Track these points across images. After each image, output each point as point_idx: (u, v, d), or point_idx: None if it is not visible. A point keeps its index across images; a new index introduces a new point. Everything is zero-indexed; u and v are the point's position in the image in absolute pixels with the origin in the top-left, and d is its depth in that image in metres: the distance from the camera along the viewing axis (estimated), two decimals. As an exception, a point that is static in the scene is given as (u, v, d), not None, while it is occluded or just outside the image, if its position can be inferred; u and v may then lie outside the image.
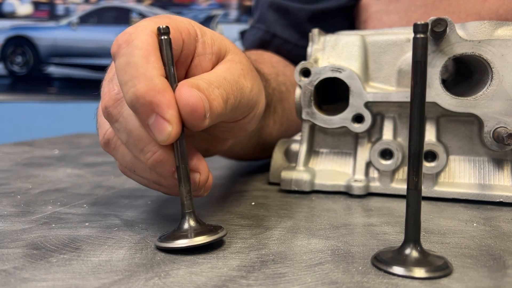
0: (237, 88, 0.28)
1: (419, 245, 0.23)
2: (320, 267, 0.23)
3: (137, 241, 0.27)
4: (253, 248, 0.26)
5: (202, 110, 0.24)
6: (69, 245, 0.26)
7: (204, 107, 0.24)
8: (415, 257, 0.23)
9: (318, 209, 0.35)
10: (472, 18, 0.47)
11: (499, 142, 0.35)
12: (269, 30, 0.63)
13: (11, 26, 2.07)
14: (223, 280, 0.21)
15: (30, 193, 0.39)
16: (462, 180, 0.38)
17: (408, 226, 0.23)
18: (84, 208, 0.34)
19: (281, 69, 0.56)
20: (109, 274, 0.22)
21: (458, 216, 0.33)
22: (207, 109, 0.24)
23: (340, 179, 0.40)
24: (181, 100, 0.24)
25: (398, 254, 0.23)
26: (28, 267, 0.23)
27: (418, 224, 0.23)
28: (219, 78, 0.26)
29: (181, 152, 0.26)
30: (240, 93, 0.28)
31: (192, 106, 0.24)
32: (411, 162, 0.23)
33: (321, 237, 0.28)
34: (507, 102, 0.35)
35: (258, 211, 0.34)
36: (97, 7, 2.05)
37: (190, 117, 0.24)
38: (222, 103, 0.26)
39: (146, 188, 0.41)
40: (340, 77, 0.38)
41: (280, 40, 0.63)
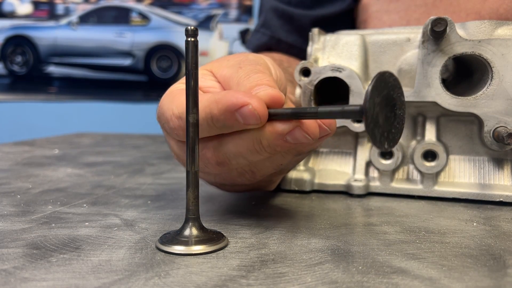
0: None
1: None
2: (320, 266, 0.23)
3: (137, 240, 0.27)
4: (253, 247, 0.26)
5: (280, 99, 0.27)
6: (69, 245, 0.26)
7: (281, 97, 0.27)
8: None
9: (318, 209, 0.35)
10: (472, 18, 0.47)
11: (499, 142, 0.35)
12: (274, 35, 0.64)
13: (10, 26, 2.06)
14: (223, 280, 0.21)
15: (30, 193, 0.39)
16: (462, 180, 0.38)
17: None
18: (84, 207, 0.34)
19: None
20: (109, 274, 0.22)
21: (458, 216, 0.33)
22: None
23: (340, 178, 0.40)
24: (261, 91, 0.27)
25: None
26: (28, 267, 0.23)
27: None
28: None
29: (192, 156, 0.26)
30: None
31: (273, 96, 0.26)
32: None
33: (321, 237, 0.28)
34: (507, 102, 0.35)
35: (258, 211, 0.34)
36: (97, 7, 2.05)
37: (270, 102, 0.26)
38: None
39: (146, 188, 0.41)
40: (340, 76, 0.38)
41: (285, 45, 0.64)
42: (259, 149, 0.27)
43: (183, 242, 0.25)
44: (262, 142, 0.27)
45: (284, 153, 0.29)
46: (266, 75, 0.29)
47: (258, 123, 0.26)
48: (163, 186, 0.42)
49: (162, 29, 2.02)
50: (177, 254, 0.24)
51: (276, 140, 0.26)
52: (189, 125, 0.25)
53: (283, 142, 0.27)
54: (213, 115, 0.26)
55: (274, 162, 0.29)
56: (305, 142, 0.27)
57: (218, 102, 0.26)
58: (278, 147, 0.27)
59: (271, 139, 0.26)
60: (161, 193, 0.39)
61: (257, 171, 0.30)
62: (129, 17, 2.03)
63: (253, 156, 0.28)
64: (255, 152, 0.28)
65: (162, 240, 0.26)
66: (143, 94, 2.02)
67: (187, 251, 0.25)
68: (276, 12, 0.64)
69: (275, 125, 0.26)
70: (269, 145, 0.27)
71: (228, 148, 0.28)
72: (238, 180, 0.31)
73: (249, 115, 0.25)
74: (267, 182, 0.34)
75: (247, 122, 0.26)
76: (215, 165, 0.29)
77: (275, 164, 0.30)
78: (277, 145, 0.27)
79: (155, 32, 2.01)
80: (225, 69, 0.31)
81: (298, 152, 0.29)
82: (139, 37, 2.01)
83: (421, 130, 0.39)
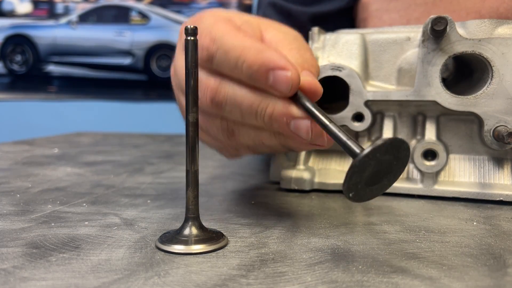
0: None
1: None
2: (320, 266, 0.23)
3: (136, 240, 0.27)
4: (253, 247, 0.26)
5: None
6: (68, 244, 0.26)
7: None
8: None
9: (318, 208, 0.34)
10: (472, 17, 0.47)
11: (499, 141, 0.35)
12: None
13: (10, 25, 2.06)
14: (223, 279, 0.21)
15: (30, 192, 0.39)
16: (462, 179, 0.38)
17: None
18: (83, 207, 0.34)
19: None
20: (108, 273, 0.22)
21: (458, 215, 0.33)
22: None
23: (340, 178, 0.40)
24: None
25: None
26: (28, 266, 0.23)
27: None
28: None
29: (192, 156, 0.25)
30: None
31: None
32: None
33: (321, 236, 0.28)
34: (507, 101, 0.35)
35: (258, 210, 0.34)
36: (97, 6, 2.05)
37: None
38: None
39: (146, 187, 0.41)
40: (340, 75, 0.38)
41: None
42: (259, 113, 0.26)
43: (182, 241, 0.25)
44: (267, 109, 0.26)
45: (274, 135, 0.28)
46: (317, 65, 0.29)
47: (282, 93, 0.25)
48: (163, 185, 0.42)
49: (162, 28, 2.01)
50: (176, 254, 0.24)
51: (281, 117, 0.26)
52: (189, 124, 0.25)
53: (284, 124, 0.26)
54: (246, 60, 0.25)
55: (258, 136, 0.29)
56: (303, 138, 0.26)
57: (260, 52, 0.25)
58: (276, 125, 0.26)
59: (277, 113, 0.26)
60: (161, 193, 0.39)
61: (238, 134, 0.30)
62: (129, 16, 2.03)
63: (248, 116, 0.27)
64: (252, 114, 0.27)
65: (162, 240, 0.26)
66: (143, 93, 2.02)
67: (187, 251, 0.24)
68: (274, 8, 0.64)
69: (291, 105, 0.26)
70: (271, 117, 0.26)
71: (233, 91, 0.27)
72: (213, 131, 0.31)
73: (281, 81, 0.25)
74: (234, 150, 0.34)
75: (274, 86, 0.25)
76: (209, 101, 0.28)
77: (257, 138, 0.29)
78: (278, 122, 0.26)
79: (155, 31, 2.01)
80: (279, 34, 0.30)
81: (284, 144, 0.29)
82: (138, 36, 2.01)
83: (421, 129, 0.39)
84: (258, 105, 0.26)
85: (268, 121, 0.27)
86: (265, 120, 0.26)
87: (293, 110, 0.26)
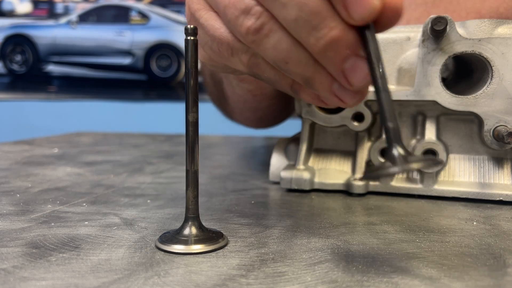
0: None
1: (402, 144, 0.21)
2: (320, 265, 0.23)
3: (136, 240, 0.27)
4: (253, 246, 0.26)
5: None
6: (68, 244, 0.26)
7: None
8: (403, 154, 0.21)
9: (318, 208, 0.34)
10: (472, 17, 0.47)
11: (499, 141, 0.35)
12: None
13: (10, 25, 2.06)
14: (223, 279, 0.21)
15: (30, 192, 0.39)
16: (462, 179, 0.38)
17: (388, 131, 0.21)
18: (83, 207, 0.34)
19: None
20: (108, 273, 0.22)
21: (458, 215, 0.33)
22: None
23: (340, 177, 0.40)
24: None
25: (388, 158, 0.21)
26: (27, 266, 0.23)
27: (398, 126, 0.22)
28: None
29: (192, 156, 0.25)
30: None
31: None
32: (372, 66, 0.21)
33: (321, 236, 0.28)
34: (507, 101, 0.35)
35: (258, 210, 0.34)
36: (97, 6, 2.05)
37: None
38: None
39: (146, 187, 0.41)
40: (340, 75, 0.38)
41: None
42: (320, 30, 0.21)
43: (182, 241, 0.25)
44: (331, 30, 0.21)
45: (309, 61, 0.23)
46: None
47: (356, 17, 0.20)
48: (163, 185, 0.42)
49: (162, 28, 2.01)
50: (176, 253, 0.24)
51: (344, 48, 0.21)
52: (188, 124, 0.25)
53: (341, 57, 0.22)
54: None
55: (290, 51, 0.23)
56: (349, 83, 0.22)
57: None
58: (331, 53, 0.21)
59: (342, 41, 0.21)
60: (161, 192, 0.39)
61: (259, 64, 0.25)
62: (129, 16, 2.03)
63: (303, 25, 0.21)
64: (309, 26, 0.21)
65: (162, 239, 0.26)
66: (143, 93, 2.02)
67: (187, 250, 0.24)
68: None
69: (358, 39, 0.21)
70: (330, 42, 0.21)
71: (280, 11, 0.22)
72: (231, 61, 0.26)
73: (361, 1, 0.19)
74: (249, 56, 0.26)
75: (350, 3, 0.20)
76: (242, 13, 0.23)
77: (287, 54, 0.23)
78: (335, 52, 0.21)
79: (155, 31, 2.01)
80: None
81: (310, 77, 0.24)
82: (138, 36, 2.01)
83: (421, 129, 0.39)
84: (323, 18, 0.21)
85: (323, 45, 0.21)
86: (321, 41, 0.21)
87: (358, 47, 0.21)
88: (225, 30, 0.25)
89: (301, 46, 0.23)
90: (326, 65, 0.23)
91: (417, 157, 0.21)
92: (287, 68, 0.24)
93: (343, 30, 0.21)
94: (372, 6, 0.20)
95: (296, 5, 0.21)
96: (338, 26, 0.21)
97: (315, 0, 0.21)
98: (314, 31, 0.21)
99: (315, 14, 0.21)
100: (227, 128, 0.78)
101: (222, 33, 0.26)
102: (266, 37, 0.23)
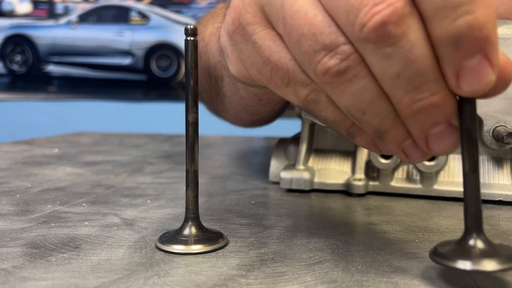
0: None
1: (483, 234, 0.20)
2: (319, 266, 0.23)
3: (136, 240, 0.27)
4: (252, 247, 0.26)
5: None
6: (68, 244, 0.26)
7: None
8: (480, 248, 0.19)
9: (318, 208, 0.35)
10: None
11: (498, 141, 0.35)
12: None
13: (10, 25, 2.06)
14: (223, 279, 0.21)
15: (30, 192, 0.39)
16: (461, 179, 0.38)
17: (468, 215, 0.20)
18: (83, 207, 0.34)
19: None
20: (108, 273, 0.22)
21: (458, 215, 0.33)
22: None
23: (340, 178, 0.40)
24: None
25: (460, 246, 0.20)
26: (28, 266, 0.23)
27: (480, 211, 0.20)
28: None
29: (192, 155, 0.25)
30: None
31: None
32: (463, 140, 0.19)
33: (321, 236, 0.28)
34: (506, 101, 0.35)
35: (258, 210, 0.34)
36: (97, 6, 2.05)
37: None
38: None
39: (145, 187, 0.41)
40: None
41: None
42: (418, 89, 0.19)
43: (182, 241, 0.25)
44: (433, 95, 0.19)
45: (387, 115, 0.20)
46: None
47: (469, 90, 0.18)
48: (163, 185, 0.42)
49: (162, 28, 2.01)
50: (176, 253, 0.24)
51: (440, 116, 0.19)
52: (188, 124, 0.25)
53: (432, 122, 0.19)
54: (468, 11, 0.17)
55: (369, 99, 0.20)
56: (434, 150, 0.20)
57: (483, 6, 0.17)
58: (422, 117, 0.19)
59: (441, 109, 0.19)
60: (161, 192, 0.39)
61: (320, 102, 0.22)
62: (129, 16, 2.03)
63: (401, 79, 0.19)
64: (382, 100, 0.20)
65: (162, 239, 0.26)
66: (143, 93, 2.02)
67: (187, 250, 0.25)
68: None
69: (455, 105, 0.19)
70: (428, 106, 0.19)
71: (379, 62, 0.19)
72: (281, 89, 0.23)
73: (483, 73, 0.18)
74: (311, 92, 0.22)
75: (468, 77, 0.18)
76: (324, 49, 0.19)
77: (364, 99, 0.20)
78: (428, 116, 0.19)
79: (155, 31, 2.01)
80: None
81: (382, 132, 0.21)
82: (138, 36, 2.01)
83: (421, 129, 0.39)
84: (427, 81, 0.19)
85: (418, 108, 0.19)
86: (417, 103, 0.19)
87: (454, 115, 0.20)
88: (286, 56, 0.22)
89: (387, 100, 0.20)
90: (411, 125, 0.20)
91: (498, 254, 0.19)
92: (361, 118, 0.21)
93: (444, 97, 0.19)
94: (489, 80, 0.18)
95: (402, 60, 0.18)
96: (441, 92, 0.19)
97: (426, 60, 0.18)
98: (412, 92, 0.19)
99: (420, 75, 0.19)
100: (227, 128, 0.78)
101: (280, 58, 0.22)
102: (348, 83, 0.20)
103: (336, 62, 0.19)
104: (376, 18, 0.18)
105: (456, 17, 0.17)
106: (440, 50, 0.18)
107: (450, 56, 0.18)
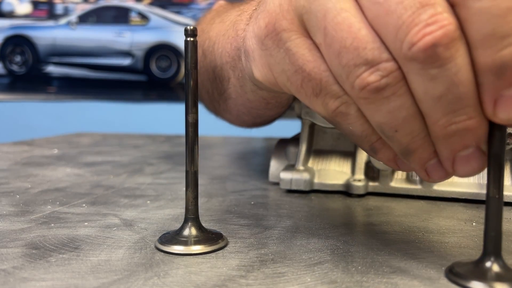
0: None
1: (501, 258, 0.20)
2: (319, 266, 0.23)
3: (136, 240, 0.27)
4: (252, 247, 0.26)
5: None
6: (68, 245, 0.26)
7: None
8: (496, 271, 0.20)
9: (318, 209, 0.35)
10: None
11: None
12: None
13: (10, 26, 2.06)
14: (223, 280, 0.21)
15: (29, 193, 0.39)
16: (461, 180, 0.38)
17: (488, 238, 0.20)
18: (83, 207, 0.34)
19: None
20: (108, 274, 0.22)
21: (458, 216, 0.33)
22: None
23: (340, 178, 0.40)
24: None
25: (477, 267, 0.21)
26: (27, 267, 0.23)
27: (500, 235, 0.20)
28: None
29: (192, 156, 0.26)
30: None
31: None
32: (491, 165, 0.20)
33: (321, 237, 0.28)
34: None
35: (258, 211, 0.34)
36: (96, 7, 2.05)
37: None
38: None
39: (145, 188, 0.41)
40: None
41: None
42: (455, 112, 0.19)
43: (182, 242, 0.25)
44: (469, 119, 0.19)
45: (417, 133, 0.21)
46: None
47: (506, 121, 0.19)
48: (163, 185, 0.42)
49: (162, 29, 2.02)
50: (176, 254, 0.24)
51: (471, 140, 0.20)
52: (188, 125, 0.25)
53: (462, 145, 0.20)
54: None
55: (402, 118, 0.20)
56: (458, 173, 0.21)
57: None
58: (455, 139, 0.20)
59: (474, 133, 0.20)
60: (161, 193, 0.39)
61: (349, 116, 0.22)
62: (129, 16, 2.04)
63: (440, 101, 0.19)
64: (416, 120, 0.20)
65: (161, 240, 0.26)
66: (143, 93, 2.02)
67: (186, 251, 0.25)
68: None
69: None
70: (463, 129, 0.20)
71: (423, 83, 0.19)
72: (310, 99, 0.23)
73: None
74: (339, 102, 0.22)
75: (497, 112, 0.18)
76: (365, 64, 0.19)
77: (395, 117, 0.20)
78: (460, 139, 0.20)
79: (155, 32, 2.01)
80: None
81: (410, 151, 0.22)
82: (138, 37, 2.01)
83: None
84: (466, 105, 0.19)
85: (453, 130, 0.20)
86: (453, 126, 0.20)
87: (484, 140, 0.20)
88: (320, 66, 0.21)
89: (421, 119, 0.20)
90: (441, 146, 0.21)
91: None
92: (392, 136, 0.21)
93: (479, 122, 0.19)
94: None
95: (447, 83, 0.19)
96: (477, 117, 0.19)
97: (468, 85, 0.19)
98: (451, 114, 0.19)
99: (461, 99, 0.19)
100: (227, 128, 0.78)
101: (315, 68, 0.21)
102: (385, 100, 0.20)
103: (376, 78, 0.19)
104: (427, 39, 0.18)
105: (502, 47, 0.17)
106: (481, 77, 0.18)
107: (491, 84, 0.18)
